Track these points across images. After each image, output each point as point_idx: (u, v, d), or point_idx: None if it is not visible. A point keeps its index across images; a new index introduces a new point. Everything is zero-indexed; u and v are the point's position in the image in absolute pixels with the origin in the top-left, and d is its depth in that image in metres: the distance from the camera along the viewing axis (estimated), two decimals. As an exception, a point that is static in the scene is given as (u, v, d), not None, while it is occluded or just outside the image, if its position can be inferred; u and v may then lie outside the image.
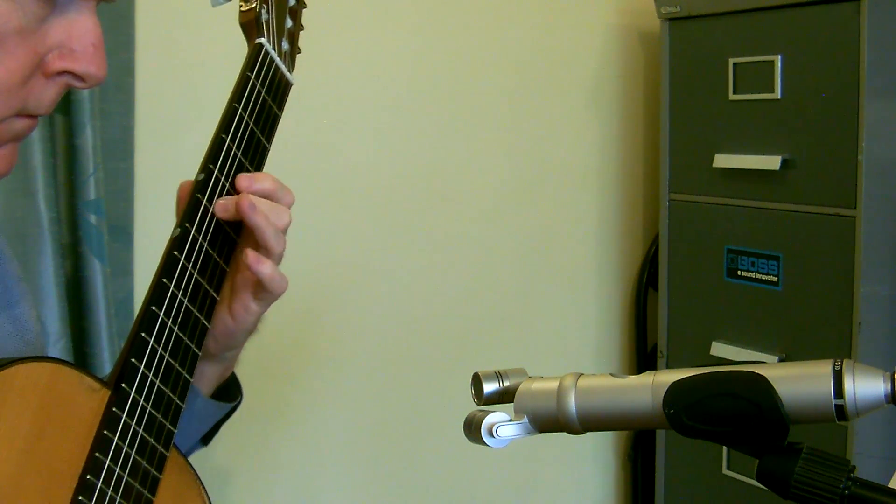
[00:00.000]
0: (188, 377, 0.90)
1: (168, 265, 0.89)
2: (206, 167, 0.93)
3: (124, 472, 0.82)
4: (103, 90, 1.73)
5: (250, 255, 0.92)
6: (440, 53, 2.19)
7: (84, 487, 0.79)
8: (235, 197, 0.93)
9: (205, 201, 0.92)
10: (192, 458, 0.95)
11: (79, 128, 1.68)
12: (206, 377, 1.01)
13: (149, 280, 0.89)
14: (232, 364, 1.04)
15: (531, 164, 2.34)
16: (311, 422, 2.10)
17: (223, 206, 0.92)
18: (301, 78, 1.07)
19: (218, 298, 0.94)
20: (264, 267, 0.93)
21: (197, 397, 1.00)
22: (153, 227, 1.82)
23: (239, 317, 0.97)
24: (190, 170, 0.95)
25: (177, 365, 0.88)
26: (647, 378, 0.69)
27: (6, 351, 0.91)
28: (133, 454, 0.83)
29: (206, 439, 1.07)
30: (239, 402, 1.06)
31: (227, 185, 0.94)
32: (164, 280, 0.88)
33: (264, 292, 0.95)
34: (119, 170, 1.78)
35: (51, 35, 0.78)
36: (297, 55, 1.08)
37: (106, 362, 1.70)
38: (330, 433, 2.13)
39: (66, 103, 1.68)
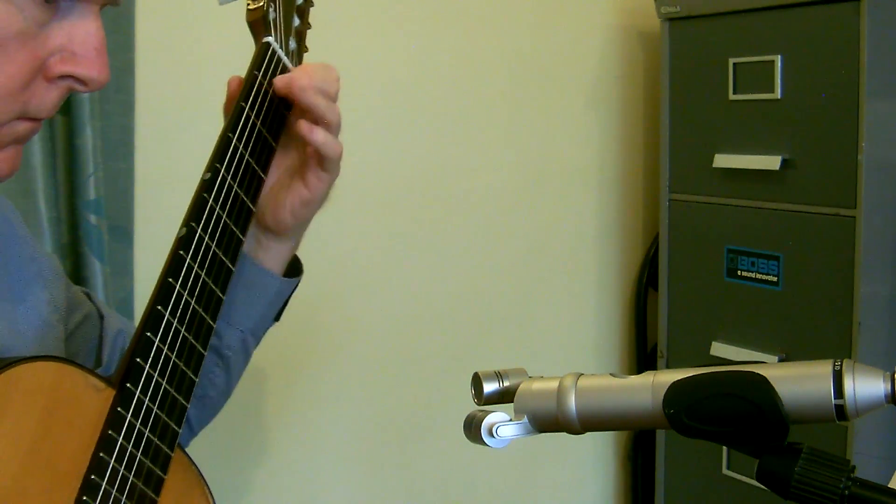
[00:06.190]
0: (193, 377, 0.90)
1: (174, 264, 0.89)
2: (213, 166, 0.93)
3: (129, 472, 0.83)
4: (103, 90, 1.73)
5: (303, 126, 0.99)
6: (440, 54, 2.19)
7: (88, 487, 0.80)
8: (289, 75, 0.99)
9: (211, 201, 0.92)
10: (192, 456, 0.95)
11: (79, 128, 1.68)
12: (280, 257, 1.08)
13: (149, 280, 0.89)
14: (299, 242, 1.11)
15: (531, 164, 2.34)
16: (311, 422, 2.10)
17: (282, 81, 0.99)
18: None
19: (224, 298, 0.94)
20: (317, 134, 0.99)
21: (275, 280, 1.07)
22: (153, 227, 1.82)
23: (313, 186, 1.04)
24: (190, 170, 0.96)
25: (182, 365, 0.88)
26: (647, 378, 0.69)
27: (21, 333, 0.91)
28: (138, 454, 0.83)
29: (277, 316, 1.13)
30: (301, 276, 1.12)
31: (235, 185, 0.94)
32: (170, 279, 0.88)
33: (325, 160, 1.02)
34: (119, 170, 1.78)
35: (52, 39, 0.77)
36: (305, 54, 1.08)
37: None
38: (330, 433, 2.13)
39: (67, 104, 1.68)
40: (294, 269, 1.12)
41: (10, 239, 0.95)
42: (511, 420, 0.72)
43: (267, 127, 0.99)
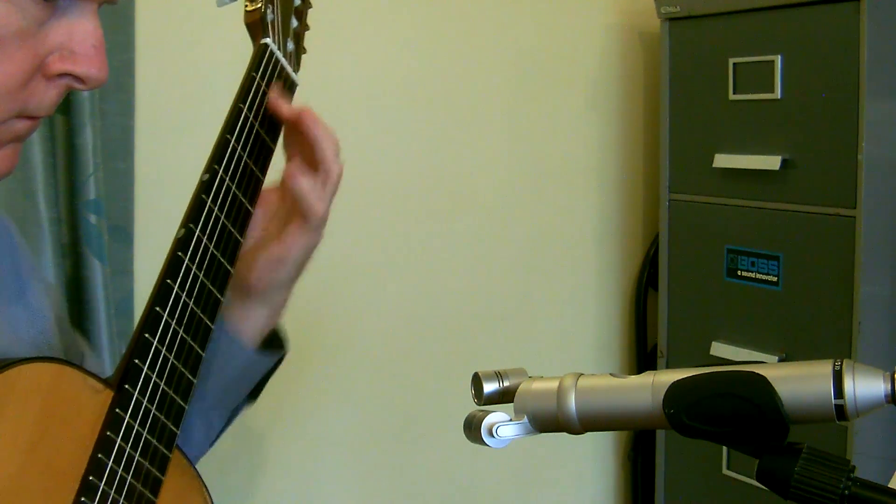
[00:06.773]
0: (191, 378, 0.90)
1: (172, 266, 0.89)
2: (211, 168, 0.93)
3: (127, 474, 0.82)
4: (103, 90, 1.73)
5: (289, 168, 0.96)
6: (441, 54, 2.19)
7: (86, 488, 0.80)
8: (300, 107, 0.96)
9: (209, 202, 0.92)
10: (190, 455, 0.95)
11: (79, 128, 1.68)
12: (253, 323, 1.01)
13: (149, 280, 0.89)
14: (279, 311, 1.03)
15: (531, 164, 2.34)
16: (311, 421, 2.10)
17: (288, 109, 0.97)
18: (306, 78, 1.07)
19: (222, 300, 0.94)
20: (298, 181, 0.95)
21: (242, 352, 1.00)
22: (153, 227, 1.82)
23: (288, 240, 0.98)
24: (190, 170, 0.95)
25: (180, 366, 0.88)
26: (647, 378, 0.69)
27: (22, 340, 0.91)
28: (136, 455, 0.83)
29: (253, 394, 1.06)
30: (285, 354, 1.06)
31: (233, 186, 0.94)
32: (168, 281, 0.88)
33: (303, 219, 0.97)
34: (119, 170, 1.78)
35: (51, 37, 0.77)
36: (303, 55, 1.08)
37: (106, 362, 1.70)
38: (330, 433, 2.13)
39: (66, 103, 1.68)
40: (279, 343, 1.05)
41: (11, 248, 0.95)
42: (511, 420, 0.72)
43: (265, 129, 0.99)
